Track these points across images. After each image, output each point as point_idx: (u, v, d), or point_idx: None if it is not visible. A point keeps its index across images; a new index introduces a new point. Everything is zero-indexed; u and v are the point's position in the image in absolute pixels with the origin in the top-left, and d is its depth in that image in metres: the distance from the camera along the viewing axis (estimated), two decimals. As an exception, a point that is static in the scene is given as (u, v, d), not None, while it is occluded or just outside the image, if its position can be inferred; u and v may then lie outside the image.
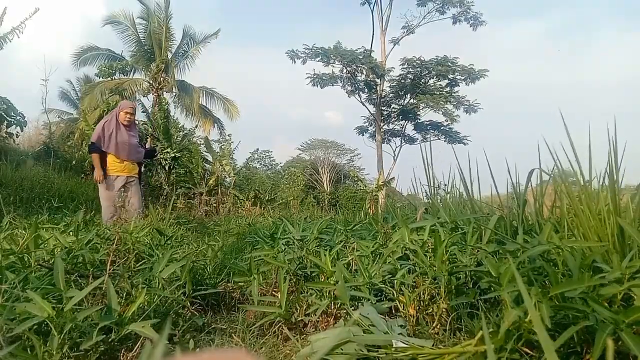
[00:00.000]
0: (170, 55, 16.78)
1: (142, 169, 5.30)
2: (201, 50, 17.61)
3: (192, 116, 17.63)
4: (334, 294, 1.73)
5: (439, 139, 17.37)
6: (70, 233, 2.56)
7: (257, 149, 18.19)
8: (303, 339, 1.67)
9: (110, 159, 4.74)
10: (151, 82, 15.89)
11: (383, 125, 17.65)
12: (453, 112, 16.32)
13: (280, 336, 1.75)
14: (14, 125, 8.78)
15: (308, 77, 16.56)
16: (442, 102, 15.82)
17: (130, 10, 16.66)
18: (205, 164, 11.58)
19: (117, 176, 4.74)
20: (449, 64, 15.70)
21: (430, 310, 1.74)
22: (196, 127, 16.68)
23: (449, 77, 16.05)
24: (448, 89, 16.36)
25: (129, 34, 16.78)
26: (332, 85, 16.91)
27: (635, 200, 1.89)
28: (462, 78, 16.03)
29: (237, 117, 18.04)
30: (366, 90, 17.15)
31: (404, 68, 16.40)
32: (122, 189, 4.78)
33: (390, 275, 1.91)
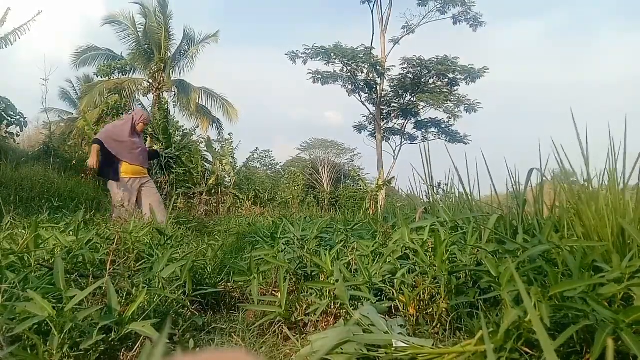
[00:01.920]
0: (169, 55, 16.78)
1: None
2: (201, 50, 17.60)
3: (189, 115, 17.61)
4: (334, 293, 1.73)
5: (440, 139, 17.39)
6: (70, 233, 2.55)
7: (257, 148, 18.13)
8: (303, 338, 1.67)
9: (124, 164, 4.82)
10: (151, 81, 15.91)
11: (383, 125, 17.65)
12: (454, 110, 16.35)
13: (280, 336, 1.75)
14: (14, 125, 8.78)
15: (309, 74, 16.56)
16: (443, 100, 15.83)
17: (130, 10, 16.67)
18: (205, 164, 11.57)
19: (130, 178, 4.82)
20: (449, 63, 15.69)
21: (430, 310, 1.74)
22: (197, 127, 16.68)
23: (449, 76, 16.05)
24: (448, 87, 16.36)
25: (128, 34, 16.77)
26: (333, 83, 16.90)
27: (635, 200, 1.89)
28: (462, 77, 16.03)
29: (237, 120, 18.03)
30: (366, 89, 17.14)
31: (404, 67, 16.40)
32: (140, 189, 4.89)
33: (390, 275, 1.91)
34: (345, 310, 1.74)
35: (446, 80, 16.28)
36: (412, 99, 16.95)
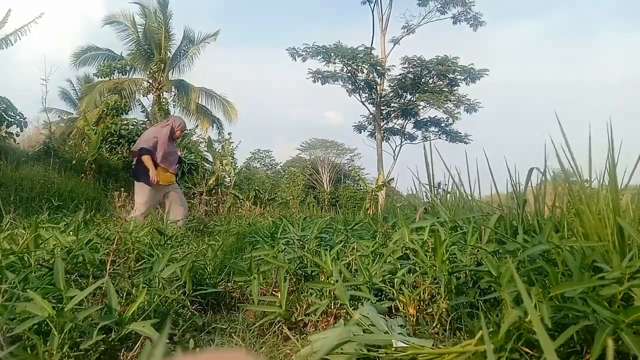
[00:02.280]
0: (169, 55, 16.77)
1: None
2: (201, 50, 17.59)
3: (189, 115, 17.61)
4: (334, 293, 1.73)
5: (440, 138, 17.38)
6: (70, 233, 2.55)
7: (259, 149, 18.13)
8: (303, 338, 1.67)
9: (158, 169, 4.91)
10: (151, 81, 15.91)
11: (383, 125, 17.65)
12: (454, 110, 16.35)
13: (280, 336, 1.75)
14: (14, 125, 8.77)
15: (309, 73, 16.53)
16: (443, 100, 15.83)
17: (130, 10, 16.68)
18: (205, 164, 11.56)
19: (161, 185, 4.92)
20: (449, 63, 15.69)
21: (430, 310, 1.74)
22: (197, 127, 16.68)
23: (449, 76, 16.03)
24: (448, 87, 16.34)
25: (128, 34, 16.78)
26: (333, 82, 16.87)
27: (635, 200, 1.89)
28: (462, 78, 16.02)
29: (236, 120, 18.03)
30: (366, 89, 17.13)
31: (404, 67, 16.40)
32: (165, 196, 5.01)
33: (390, 275, 1.91)
34: (345, 310, 1.74)
35: (446, 80, 16.27)
36: (412, 99, 16.94)
